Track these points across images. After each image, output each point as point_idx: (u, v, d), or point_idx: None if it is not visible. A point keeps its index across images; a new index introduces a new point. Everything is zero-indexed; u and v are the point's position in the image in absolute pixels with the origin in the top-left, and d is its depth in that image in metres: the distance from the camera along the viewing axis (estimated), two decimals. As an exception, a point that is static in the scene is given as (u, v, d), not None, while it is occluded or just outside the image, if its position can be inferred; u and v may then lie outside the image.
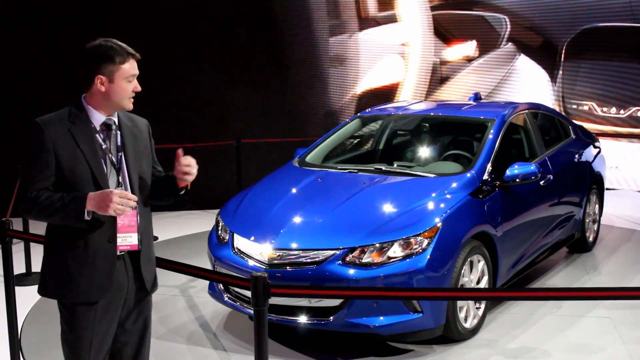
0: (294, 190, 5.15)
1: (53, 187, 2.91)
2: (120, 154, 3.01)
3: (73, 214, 2.85)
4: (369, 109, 6.70)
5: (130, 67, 2.96)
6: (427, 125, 6.05)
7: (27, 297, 5.60)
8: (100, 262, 2.94)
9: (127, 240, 2.98)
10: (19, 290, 4.87)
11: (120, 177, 2.99)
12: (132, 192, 2.99)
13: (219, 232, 5.01)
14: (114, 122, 3.01)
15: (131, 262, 3.04)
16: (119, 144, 3.01)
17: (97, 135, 2.96)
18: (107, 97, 2.95)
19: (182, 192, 3.12)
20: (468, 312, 4.70)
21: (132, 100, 3.00)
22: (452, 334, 4.59)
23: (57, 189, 2.91)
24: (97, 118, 2.97)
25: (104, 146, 2.97)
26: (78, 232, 2.91)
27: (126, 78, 2.94)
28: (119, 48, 2.93)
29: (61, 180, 2.91)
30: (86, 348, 2.99)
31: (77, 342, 2.99)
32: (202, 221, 8.10)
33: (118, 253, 2.97)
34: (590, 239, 6.74)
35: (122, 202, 2.82)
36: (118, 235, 2.95)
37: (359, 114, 6.49)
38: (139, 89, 2.99)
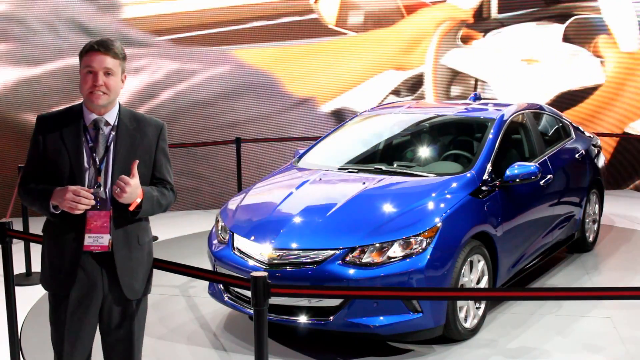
0: (294, 190, 5.14)
1: (40, 179, 2.97)
2: (107, 154, 2.96)
3: (40, 206, 2.94)
4: (369, 109, 6.70)
5: (88, 59, 2.89)
6: (427, 125, 6.05)
7: (27, 297, 5.61)
8: (67, 257, 2.95)
9: (98, 241, 2.92)
10: (19, 290, 4.87)
11: (101, 177, 2.93)
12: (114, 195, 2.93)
13: (219, 232, 5.01)
14: (105, 121, 2.97)
15: (107, 265, 2.97)
16: (109, 144, 2.97)
17: (86, 134, 2.95)
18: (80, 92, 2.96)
19: (133, 210, 2.94)
20: (468, 312, 4.70)
21: (98, 95, 2.89)
22: (452, 334, 4.59)
23: (43, 180, 2.96)
24: (88, 116, 2.98)
25: (90, 145, 2.95)
26: (55, 225, 2.98)
27: (83, 69, 2.91)
28: (89, 42, 2.93)
29: (46, 173, 2.96)
30: (60, 341, 3.03)
31: (54, 333, 3.06)
32: (202, 221, 8.09)
33: (93, 253, 2.94)
34: (590, 239, 6.73)
35: (73, 199, 2.81)
36: (90, 235, 2.91)
37: (358, 114, 6.48)
38: (98, 82, 2.88)
